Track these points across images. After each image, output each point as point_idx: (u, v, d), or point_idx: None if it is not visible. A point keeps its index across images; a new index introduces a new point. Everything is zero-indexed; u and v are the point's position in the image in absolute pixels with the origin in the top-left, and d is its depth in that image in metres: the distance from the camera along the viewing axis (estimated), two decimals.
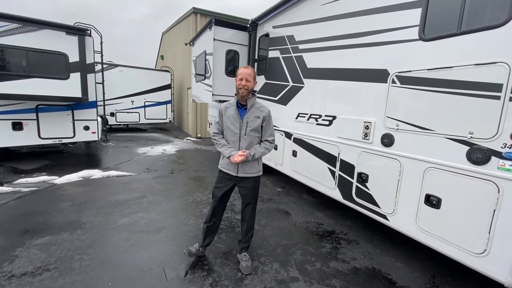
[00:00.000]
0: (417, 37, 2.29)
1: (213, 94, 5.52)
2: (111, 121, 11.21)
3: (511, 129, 1.73)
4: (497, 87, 1.79)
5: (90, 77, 5.75)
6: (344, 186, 3.14)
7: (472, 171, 1.93)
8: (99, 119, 6.57)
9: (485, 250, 1.88)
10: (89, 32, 5.59)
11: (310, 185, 3.81)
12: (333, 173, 3.30)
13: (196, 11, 10.13)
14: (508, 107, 1.74)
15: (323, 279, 2.29)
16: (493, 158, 1.83)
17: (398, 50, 2.47)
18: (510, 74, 1.72)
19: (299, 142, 3.92)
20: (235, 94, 2.27)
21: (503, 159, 1.78)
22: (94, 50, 5.91)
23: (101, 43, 7.41)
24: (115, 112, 11.30)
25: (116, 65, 11.14)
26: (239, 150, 2.21)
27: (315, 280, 2.27)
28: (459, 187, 2.02)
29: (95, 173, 5.10)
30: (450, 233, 2.09)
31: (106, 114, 8.40)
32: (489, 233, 1.85)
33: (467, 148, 1.96)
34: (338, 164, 3.21)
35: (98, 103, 6.45)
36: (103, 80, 7.68)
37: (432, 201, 2.20)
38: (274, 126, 4.47)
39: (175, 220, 3.30)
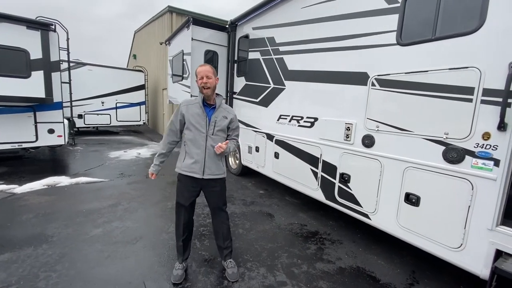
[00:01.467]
0: (395, 42, 2.38)
1: (191, 95, 5.35)
2: (79, 123, 10.48)
3: (483, 130, 1.85)
4: (469, 90, 1.90)
5: (55, 76, 5.31)
6: (326, 187, 3.18)
7: (448, 169, 2.04)
8: (66, 121, 6.08)
9: (461, 244, 1.99)
10: (53, 27, 5.16)
11: (292, 187, 3.82)
12: (315, 174, 3.33)
13: (171, 10, 9.83)
14: (479, 109, 1.86)
15: (311, 281, 2.28)
16: (467, 157, 1.94)
17: (377, 54, 2.55)
18: (480, 78, 1.84)
19: (281, 143, 3.92)
20: (200, 93, 2.15)
21: (476, 158, 1.89)
22: (59, 47, 5.46)
23: (68, 39, 6.90)
24: (83, 114, 10.58)
25: (85, 64, 10.45)
26: (206, 149, 2.09)
27: (303, 283, 2.25)
28: (437, 185, 2.12)
29: (62, 180, 4.70)
30: (429, 229, 2.19)
31: (73, 116, 7.80)
32: (464, 228, 1.96)
33: (443, 148, 2.07)
34: (320, 165, 3.24)
35: (65, 104, 5.96)
36: (70, 80, 7.14)
37: (411, 199, 2.29)
38: (256, 128, 4.44)
39: (153, 228, 3.11)
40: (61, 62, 5.68)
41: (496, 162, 1.79)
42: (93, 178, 4.93)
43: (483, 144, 1.85)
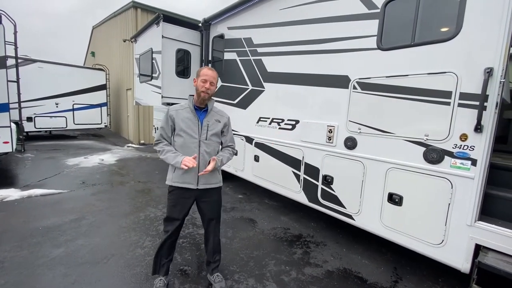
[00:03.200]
0: (376, 46, 2.44)
1: (162, 96, 5.03)
2: (29, 127, 9.30)
3: (460, 132, 1.96)
4: (447, 94, 2.01)
5: (1, 73, 4.61)
6: (309, 189, 3.17)
7: (429, 169, 2.13)
8: (13, 125, 5.32)
9: (442, 240, 2.08)
10: None
11: (274, 190, 3.76)
12: (297, 176, 3.31)
13: (136, 5, 9.24)
14: (457, 112, 1.96)
15: None
16: (446, 157, 2.04)
17: (358, 58, 2.60)
18: (457, 82, 1.95)
19: (261, 146, 3.84)
20: (190, 96, 2.02)
21: (455, 158, 2.00)
22: (5, 41, 4.75)
23: (15, 32, 6.05)
24: (33, 116, 9.42)
25: (35, 61, 9.32)
26: (199, 156, 1.93)
27: None
28: (418, 184, 2.20)
29: (11, 194, 4.08)
30: (412, 227, 2.27)
31: (22, 119, 6.88)
32: (445, 225, 2.06)
33: (423, 149, 2.16)
34: (302, 167, 3.23)
35: (12, 106, 5.20)
36: (18, 78, 6.27)
37: (394, 199, 2.36)
38: (233, 130, 4.30)
39: (126, 243, 2.82)
40: (6, 58, 4.95)
41: (473, 162, 1.90)
42: (49, 190, 4.36)
43: (461, 145, 1.96)
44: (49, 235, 2.88)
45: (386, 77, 2.37)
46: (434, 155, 2.10)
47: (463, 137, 1.94)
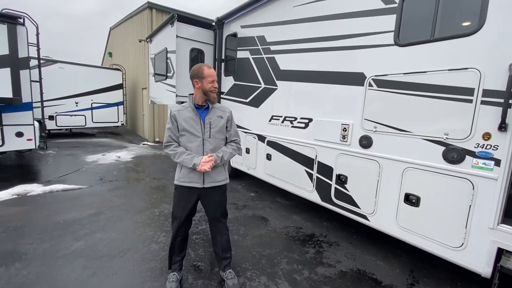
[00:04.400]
0: (393, 42, 2.37)
1: (176, 95, 5.12)
2: (50, 125, 9.73)
3: (483, 130, 1.87)
4: (469, 91, 1.92)
5: (24, 74, 4.83)
6: (322, 188, 3.13)
7: (449, 169, 2.05)
8: (36, 123, 5.58)
9: (462, 243, 2.00)
10: (22, 20, 4.69)
11: (286, 189, 3.74)
12: (310, 175, 3.28)
13: (151, 6, 9.42)
14: (479, 110, 1.88)
15: None
16: (467, 157, 1.96)
17: (374, 55, 2.53)
18: (480, 79, 1.86)
19: (274, 145, 3.83)
20: (190, 95, 2.02)
21: (477, 158, 1.91)
22: (28, 42, 4.98)
23: (37, 34, 6.32)
24: (54, 115, 9.85)
25: (56, 61, 9.71)
26: (203, 155, 1.93)
27: None
28: (437, 185, 2.13)
29: (34, 189, 4.28)
30: (429, 229, 2.19)
31: (44, 117, 7.20)
32: (465, 227, 1.98)
33: (443, 148, 2.08)
34: (315, 166, 3.19)
35: (35, 105, 5.46)
36: (40, 78, 6.56)
37: (411, 200, 2.29)
38: (246, 129, 4.32)
39: (142, 238, 2.90)
40: (29, 59, 5.19)
41: (497, 162, 1.81)
42: (69, 185, 4.55)
43: (484, 144, 1.87)
44: (69, 229, 3.01)
45: (404, 74, 2.30)
46: (454, 154, 2.02)
47: (486, 136, 1.85)
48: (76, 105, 10.42)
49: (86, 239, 2.80)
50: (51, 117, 9.67)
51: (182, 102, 5.17)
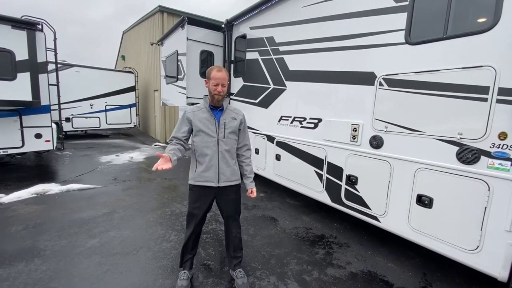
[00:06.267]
0: (404, 41, 2.33)
1: (187, 97, 5.21)
2: (67, 127, 10.08)
3: (499, 130, 1.81)
4: (484, 89, 1.87)
5: (43, 78, 5.04)
6: (332, 189, 3.11)
7: (463, 170, 2.00)
8: (54, 125, 5.80)
9: (478, 246, 1.95)
10: (40, 26, 4.90)
11: (295, 189, 3.74)
12: (320, 176, 3.26)
13: (162, 10, 9.61)
14: (495, 109, 1.82)
15: None
16: (482, 157, 1.90)
17: (384, 54, 2.50)
18: (496, 77, 1.81)
19: (283, 145, 3.83)
20: (205, 96, 2.06)
21: (492, 158, 1.85)
22: (46, 48, 5.19)
23: (55, 39, 6.58)
24: (71, 117, 10.20)
25: (72, 65, 10.06)
26: (218, 154, 1.98)
27: None
28: (451, 186, 2.08)
29: (52, 188, 4.45)
30: (443, 231, 2.14)
31: (61, 119, 7.48)
32: (481, 229, 1.92)
33: (456, 148, 2.03)
34: (325, 167, 3.18)
35: (53, 107, 5.68)
36: (57, 82, 6.82)
37: (424, 201, 2.25)
38: (255, 129, 4.34)
39: (154, 236, 2.96)
40: (47, 64, 5.41)
41: None
42: (85, 185, 4.71)
43: (500, 144, 1.82)
44: (85, 227, 3.12)
45: (415, 72, 2.26)
46: (468, 155, 1.96)
47: (502, 136, 1.80)
48: (91, 107, 10.75)
49: (101, 237, 2.89)
50: (67, 119, 10.01)
51: (193, 104, 5.28)
